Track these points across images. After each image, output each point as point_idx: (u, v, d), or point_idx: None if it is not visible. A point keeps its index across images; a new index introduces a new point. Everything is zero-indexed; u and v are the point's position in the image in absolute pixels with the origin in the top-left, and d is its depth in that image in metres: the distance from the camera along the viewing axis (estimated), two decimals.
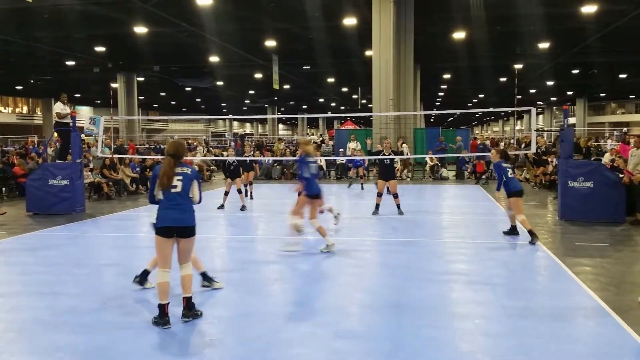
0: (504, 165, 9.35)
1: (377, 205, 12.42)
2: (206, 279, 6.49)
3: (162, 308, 5.28)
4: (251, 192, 15.68)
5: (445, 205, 14.81)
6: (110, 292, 6.47)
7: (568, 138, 11.76)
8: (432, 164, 21.97)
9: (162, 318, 5.27)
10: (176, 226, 5.34)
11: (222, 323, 5.51)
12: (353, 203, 15.32)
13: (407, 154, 21.09)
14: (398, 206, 12.30)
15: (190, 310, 5.43)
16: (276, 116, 48.64)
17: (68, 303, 6.04)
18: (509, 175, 9.25)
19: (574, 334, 5.08)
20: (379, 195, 12.39)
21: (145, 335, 5.08)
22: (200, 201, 5.59)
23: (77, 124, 13.45)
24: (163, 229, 5.34)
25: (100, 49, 29.90)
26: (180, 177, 5.39)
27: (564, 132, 11.80)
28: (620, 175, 11.82)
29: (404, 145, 21.90)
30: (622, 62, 35.37)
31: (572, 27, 25.00)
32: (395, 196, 12.28)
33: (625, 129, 46.63)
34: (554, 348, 4.70)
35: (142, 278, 6.57)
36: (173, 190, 5.38)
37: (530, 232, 9.01)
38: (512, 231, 9.62)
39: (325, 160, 22.97)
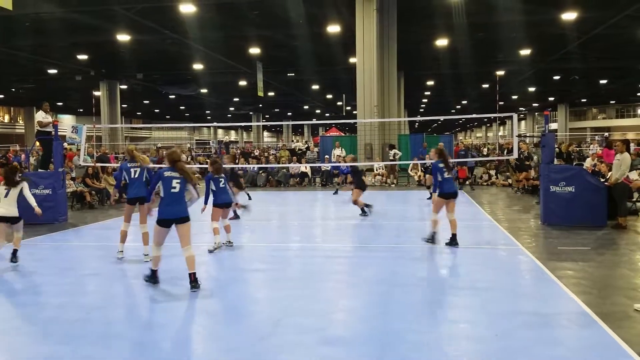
0: (440, 165, 9.21)
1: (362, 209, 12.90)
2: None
3: (155, 272, 6.96)
4: (247, 193, 16.68)
5: (429, 211, 14.87)
6: (94, 302, 6.42)
7: (549, 143, 11.89)
8: (417, 179, 21.95)
9: (153, 278, 6.95)
10: (175, 218, 6.69)
11: (206, 330, 5.50)
12: (338, 209, 15.33)
13: (396, 160, 21.17)
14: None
15: (195, 282, 6.62)
16: (261, 123, 48.61)
17: (51, 313, 5.97)
18: (445, 176, 9.21)
19: (556, 337, 5.12)
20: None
21: (130, 344, 5.04)
22: (198, 197, 7.06)
23: (59, 133, 13.32)
24: (164, 221, 6.70)
25: (82, 57, 29.71)
26: (178, 180, 6.76)
27: (546, 138, 11.94)
28: (602, 180, 11.99)
29: (392, 151, 21.99)
30: (602, 68, 35.96)
31: (552, 34, 25.36)
32: (355, 203, 12.83)
33: (606, 133, 47.29)
34: (538, 351, 4.74)
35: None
36: (172, 190, 6.71)
37: (433, 235, 9.26)
38: (452, 241, 9.20)
39: (310, 167, 23.00)
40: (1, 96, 48.27)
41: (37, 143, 14.35)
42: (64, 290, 6.98)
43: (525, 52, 29.15)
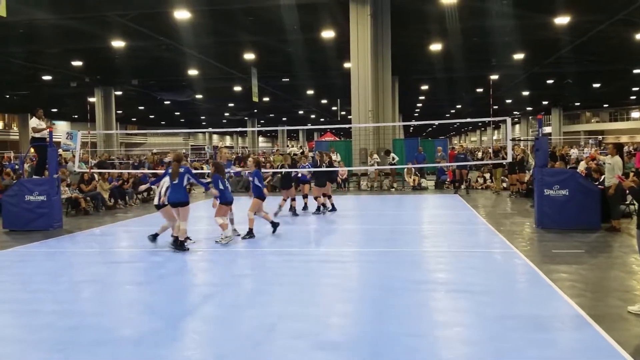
0: (261, 173, 11.40)
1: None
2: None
3: (175, 238, 9.60)
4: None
5: (424, 215, 14.91)
6: (88, 309, 6.40)
7: (543, 147, 11.92)
8: (413, 184, 21.95)
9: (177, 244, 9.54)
10: (175, 202, 9.45)
11: (201, 337, 5.48)
12: (330, 214, 15.32)
13: (394, 164, 21.19)
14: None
15: (177, 243, 9.48)
16: (256, 129, 48.77)
17: (45, 321, 5.94)
18: (263, 183, 11.30)
19: (550, 339, 5.13)
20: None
21: (123, 351, 5.03)
22: (203, 185, 10.88)
23: (53, 139, 13.30)
24: (171, 203, 9.53)
25: (77, 63, 29.69)
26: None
27: (539, 141, 11.97)
28: (596, 183, 12.03)
29: (391, 155, 22.00)
30: (595, 72, 36.11)
31: (546, 38, 25.50)
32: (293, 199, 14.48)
33: (600, 137, 47.51)
34: (532, 354, 4.76)
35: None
36: (174, 182, 9.42)
37: (250, 230, 10.85)
38: (249, 233, 10.90)
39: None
40: None
41: (32, 150, 14.28)
42: (58, 297, 6.95)
43: (518, 56, 29.28)
